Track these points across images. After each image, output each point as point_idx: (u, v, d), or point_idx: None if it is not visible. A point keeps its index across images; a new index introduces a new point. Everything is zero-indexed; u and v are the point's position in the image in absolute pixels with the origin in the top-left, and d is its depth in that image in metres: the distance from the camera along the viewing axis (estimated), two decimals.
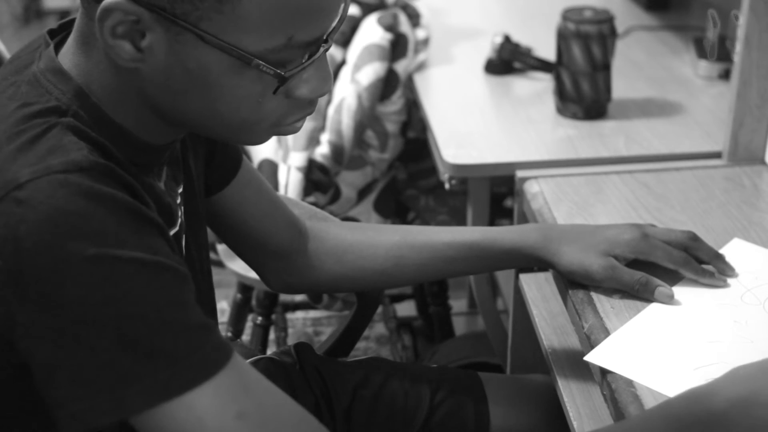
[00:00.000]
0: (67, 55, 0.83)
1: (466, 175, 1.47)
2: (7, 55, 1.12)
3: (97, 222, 0.73)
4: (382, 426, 1.19)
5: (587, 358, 0.96)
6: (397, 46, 1.70)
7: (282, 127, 0.86)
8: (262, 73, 0.78)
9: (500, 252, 1.10)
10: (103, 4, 0.76)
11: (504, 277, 1.90)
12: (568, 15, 1.51)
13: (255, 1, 0.75)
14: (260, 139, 0.88)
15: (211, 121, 0.83)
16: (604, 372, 0.93)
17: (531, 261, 1.10)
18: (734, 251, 1.11)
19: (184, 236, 0.96)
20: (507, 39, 1.73)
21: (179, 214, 0.93)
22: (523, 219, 1.34)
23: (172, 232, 0.90)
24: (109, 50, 0.78)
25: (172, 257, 0.78)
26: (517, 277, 1.37)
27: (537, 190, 1.31)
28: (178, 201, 0.94)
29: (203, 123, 0.84)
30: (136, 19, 0.76)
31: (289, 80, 0.80)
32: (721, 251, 1.09)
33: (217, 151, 1.05)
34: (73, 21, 0.86)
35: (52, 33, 0.87)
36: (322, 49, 0.82)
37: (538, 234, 1.09)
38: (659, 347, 0.96)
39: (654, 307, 1.01)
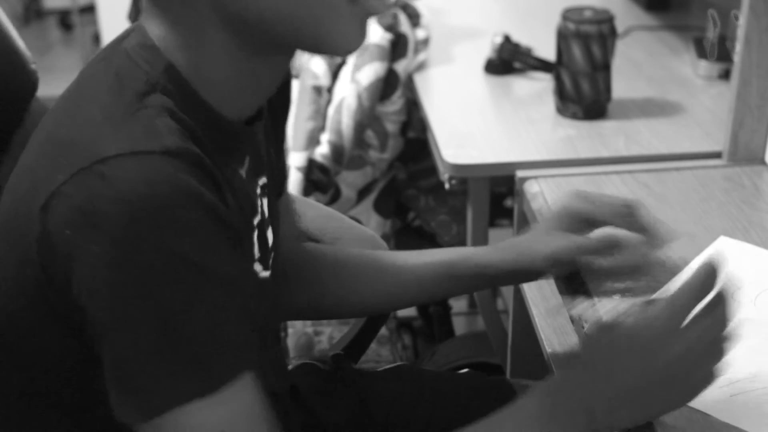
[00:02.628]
0: (154, 29, 0.82)
1: (466, 175, 1.47)
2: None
3: (172, 215, 0.72)
4: None
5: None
6: (397, 46, 1.71)
7: (365, 5, 0.81)
8: None
9: (479, 270, 1.12)
10: None
11: None
12: (568, 15, 1.51)
13: None
14: (352, 28, 0.82)
15: (290, 17, 0.79)
16: None
17: (512, 276, 1.12)
18: (722, 250, 1.12)
19: (270, 228, 0.94)
20: (507, 39, 1.73)
21: (259, 204, 0.92)
22: (523, 219, 1.34)
23: (255, 221, 0.89)
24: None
25: (236, 265, 0.77)
26: None
27: (537, 190, 1.31)
28: (258, 192, 0.92)
29: (285, 24, 0.80)
30: None
31: None
32: (707, 250, 1.09)
33: (279, 159, 1.04)
34: None
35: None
36: None
37: (511, 247, 1.11)
38: None
39: None
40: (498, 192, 1.98)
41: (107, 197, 0.71)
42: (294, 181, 1.64)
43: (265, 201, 0.93)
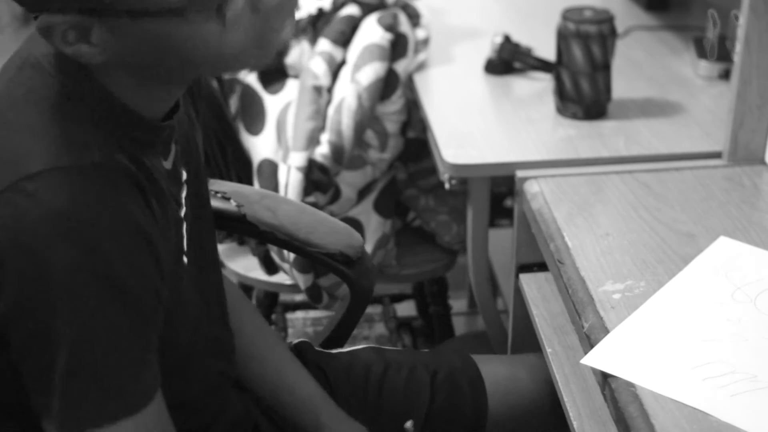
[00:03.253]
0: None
1: (466, 175, 1.47)
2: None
3: (94, 234, 0.74)
4: (388, 416, 1.20)
5: (584, 361, 0.96)
6: (397, 46, 1.70)
7: (272, 36, 0.83)
8: (201, 13, 0.77)
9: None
10: (37, 26, 0.76)
11: (504, 277, 1.90)
12: (568, 15, 1.51)
13: None
14: (261, 60, 0.86)
15: (198, 69, 0.83)
16: (604, 372, 0.94)
17: None
18: (722, 250, 1.12)
19: (186, 222, 0.96)
20: (507, 39, 1.73)
21: (183, 195, 0.94)
22: (523, 219, 1.34)
23: (182, 213, 0.91)
24: (75, 57, 0.78)
25: (156, 284, 0.79)
26: (517, 277, 1.37)
27: (537, 190, 1.31)
28: (184, 178, 0.94)
29: (194, 73, 0.84)
30: (74, 24, 0.76)
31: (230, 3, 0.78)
32: (707, 250, 1.09)
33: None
34: None
35: None
36: None
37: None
38: (655, 348, 0.96)
39: (647, 307, 1.02)
40: (498, 192, 1.98)
41: (35, 215, 0.72)
42: (294, 181, 1.64)
43: (185, 190, 0.95)
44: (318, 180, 1.67)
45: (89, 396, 0.76)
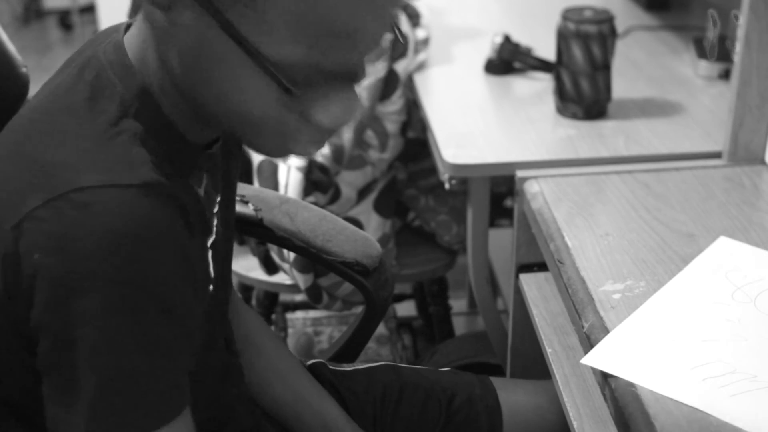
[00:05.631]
0: (133, 44, 0.82)
1: (466, 175, 1.47)
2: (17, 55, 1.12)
3: (145, 254, 0.74)
4: None
5: (584, 361, 0.96)
6: (397, 46, 1.70)
7: (293, 144, 0.82)
8: (270, 80, 0.74)
9: None
10: None
11: (504, 277, 1.90)
12: (568, 15, 1.51)
13: (283, 7, 0.71)
14: (275, 151, 0.85)
15: (226, 114, 0.80)
16: (604, 372, 0.94)
17: None
18: (722, 250, 1.12)
19: (222, 249, 0.96)
20: (507, 39, 1.73)
21: (215, 223, 0.94)
22: (524, 219, 1.34)
23: (209, 241, 0.91)
24: (147, 15, 0.77)
25: (195, 306, 0.80)
26: (517, 277, 1.37)
27: (537, 190, 1.31)
28: (215, 210, 0.94)
29: (221, 114, 0.81)
30: None
31: (302, 100, 0.76)
32: (707, 250, 1.09)
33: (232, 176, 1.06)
34: None
35: (129, 25, 0.86)
36: (347, 80, 0.78)
37: None
38: (655, 348, 0.96)
39: (646, 307, 1.02)
40: (498, 192, 1.98)
41: (84, 228, 0.72)
42: (294, 181, 1.64)
43: (217, 218, 0.95)
44: (318, 180, 1.67)
45: (120, 409, 0.75)
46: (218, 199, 0.95)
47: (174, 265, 0.76)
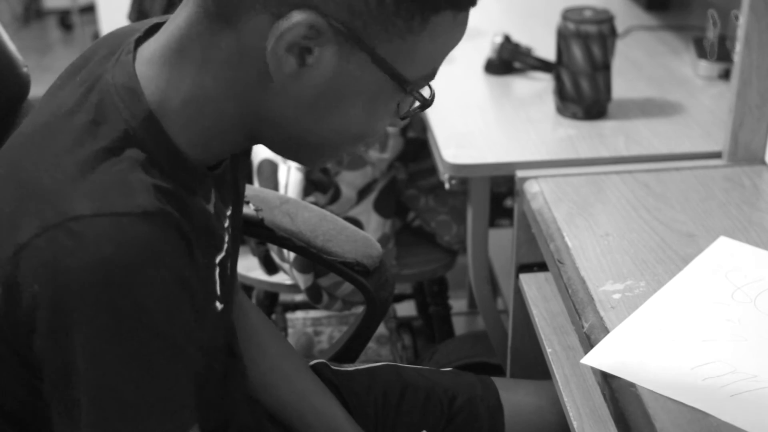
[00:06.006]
0: (148, 64, 0.80)
1: (466, 175, 1.47)
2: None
3: (142, 282, 0.73)
4: None
5: (584, 361, 0.96)
6: None
7: (338, 151, 0.87)
8: (405, 97, 0.81)
9: None
10: (294, 17, 0.73)
11: (504, 277, 1.90)
12: (568, 15, 1.51)
13: (436, 38, 0.79)
14: (325, 163, 0.91)
15: (319, 137, 0.82)
16: (604, 372, 0.94)
17: None
18: (722, 250, 1.12)
19: (229, 261, 0.96)
20: (507, 39, 1.73)
21: (226, 239, 0.93)
22: (524, 219, 1.34)
23: (218, 258, 0.91)
24: (272, 63, 0.76)
25: (195, 333, 0.80)
26: (517, 277, 1.37)
27: (537, 190, 1.31)
28: (226, 225, 0.93)
29: (311, 139, 0.83)
30: (317, 35, 0.74)
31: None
32: (707, 250, 1.09)
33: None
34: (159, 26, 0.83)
35: (139, 39, 0.83)
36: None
37: None
38: (655, 348, 0.96)
39: (646, 307, 1.02)
40: (498, 192, 1.98)
41: (77, 258, 0.72)
42: (294, 181, 1.64)
43: (228, 232, 0.94)
44: (318, 180, 1.67)
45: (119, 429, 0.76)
46: (228, 213, 0.94)
47: (169, 291, 0.75)
